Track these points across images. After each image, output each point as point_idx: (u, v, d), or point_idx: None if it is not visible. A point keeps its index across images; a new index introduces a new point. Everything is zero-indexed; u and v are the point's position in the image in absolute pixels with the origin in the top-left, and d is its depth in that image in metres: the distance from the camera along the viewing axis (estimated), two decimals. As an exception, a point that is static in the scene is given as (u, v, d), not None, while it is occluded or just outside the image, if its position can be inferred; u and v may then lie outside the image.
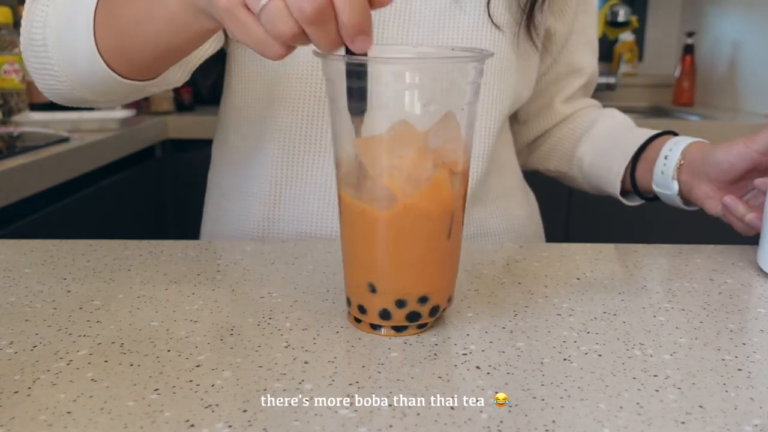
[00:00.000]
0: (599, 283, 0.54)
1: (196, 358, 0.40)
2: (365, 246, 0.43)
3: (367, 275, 0.43)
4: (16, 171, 0.98)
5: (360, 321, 0.44)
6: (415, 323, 0.44)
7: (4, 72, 1.42)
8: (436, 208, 0.42)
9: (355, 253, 0.44)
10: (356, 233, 0.43)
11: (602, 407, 0.35)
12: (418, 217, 0.41)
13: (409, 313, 0.43)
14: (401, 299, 0.43)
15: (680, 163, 0.68)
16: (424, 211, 0.41)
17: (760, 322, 0.47)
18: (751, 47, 2.01)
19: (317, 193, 0.70)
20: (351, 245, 0.44)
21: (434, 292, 0.44)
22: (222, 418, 0.34)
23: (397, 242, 0.42)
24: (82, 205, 1.23)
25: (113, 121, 1.42)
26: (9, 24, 1.44)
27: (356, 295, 0.44)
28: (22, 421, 0.34)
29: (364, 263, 0.43)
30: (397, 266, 0.43)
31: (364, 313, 0.44)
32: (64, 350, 0.41)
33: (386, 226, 0.41)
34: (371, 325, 0.44)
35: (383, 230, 0.42)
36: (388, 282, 0.43)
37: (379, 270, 0.43)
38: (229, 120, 0.75)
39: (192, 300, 0.49)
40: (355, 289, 0.44)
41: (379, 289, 0.43)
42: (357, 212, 0.42)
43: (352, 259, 0.44)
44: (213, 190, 0.80)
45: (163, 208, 1.67)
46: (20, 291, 0.51)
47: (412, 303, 0.43)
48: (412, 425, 0.34)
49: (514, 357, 0.41)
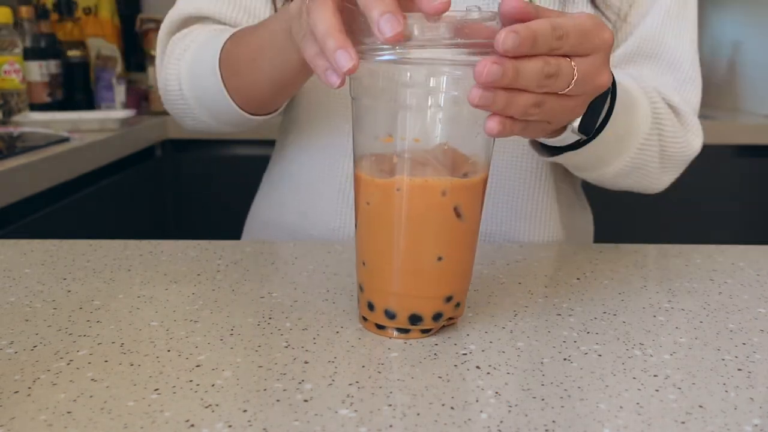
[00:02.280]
0: (599, 283, 0.54)
1: (196, 358, 0.40)
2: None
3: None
4: (16, 171, 0.98)
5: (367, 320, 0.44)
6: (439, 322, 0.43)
7: (4, 72, 1.42)
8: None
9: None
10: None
11: (602, 407, 0.35)
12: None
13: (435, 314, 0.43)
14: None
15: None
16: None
17: (760, 322, 0.47)
18: (751, 47, 2.01)
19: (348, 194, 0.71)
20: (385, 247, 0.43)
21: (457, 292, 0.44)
22: (222, 418, 0.34)
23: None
24: (82, 205, 1.23)
25: (113, 121, 1.42)
26: (9, 24, 1.43)
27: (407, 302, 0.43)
28: (22, 420, 0.34)
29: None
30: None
31: (393, 319, 0.43)
32: (64, 350, 0.41)
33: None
34: (377, 325, 0.44)
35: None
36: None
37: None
38: (291, 107, 0.77)
39: (192, 300, 0.49)
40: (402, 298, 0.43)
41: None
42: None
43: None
44: (266, 176, 0.82)
45: (163, 208, 1.67)
46: (20, 291, 0.51)
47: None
48: (412, 425, 0.34)
49: (514, 357, 0.41)
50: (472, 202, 0.43)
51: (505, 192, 0.70)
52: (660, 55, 0.68)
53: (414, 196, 0.41)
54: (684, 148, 0.66)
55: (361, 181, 0.43)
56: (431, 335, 0.44)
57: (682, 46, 0.68)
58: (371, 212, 0.43)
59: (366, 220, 0.43)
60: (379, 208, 0.42)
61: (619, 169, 0.63)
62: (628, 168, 0.63)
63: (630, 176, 0.65)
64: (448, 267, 0.43)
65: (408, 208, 0.41)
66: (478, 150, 0.42)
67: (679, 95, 0.68)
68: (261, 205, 0.79)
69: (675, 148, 0.65)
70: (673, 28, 0.68)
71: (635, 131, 0.61)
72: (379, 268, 0.43)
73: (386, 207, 0.42)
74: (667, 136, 0.64)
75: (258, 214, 0.80)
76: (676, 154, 0.66)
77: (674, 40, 0.68)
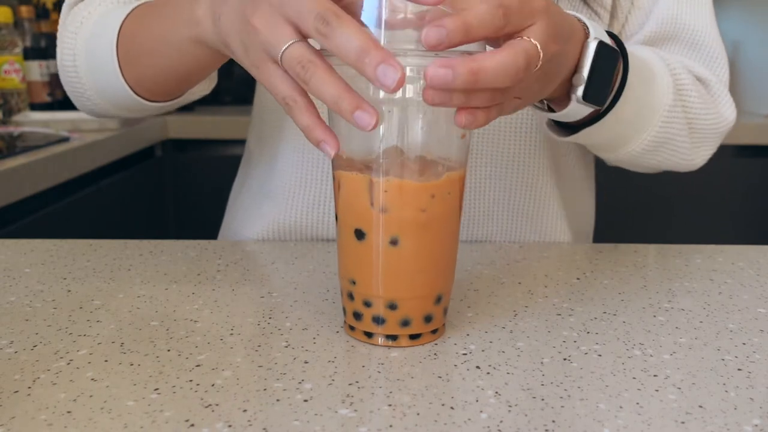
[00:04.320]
0: (599, 283, 0.54)
1: (196, 358, 0.40)
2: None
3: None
4: (16, 171, 0.98)
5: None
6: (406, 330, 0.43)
7: (4, 72, 1.42)
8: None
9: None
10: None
11: (602, 407, 0.35)
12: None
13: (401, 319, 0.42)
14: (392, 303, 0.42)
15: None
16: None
17: (760, 322, 0.47)
18: (751, 47, 2.01)
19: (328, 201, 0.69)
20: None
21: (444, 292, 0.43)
22: (222, 418, 0.34)
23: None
24: (82, 205, 1.23)
25: (113, 121, 1.42)
26: (9, 24, 1.44)
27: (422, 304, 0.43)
28: (22, 420, 0.34)
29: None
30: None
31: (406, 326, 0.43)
32: (64, 350, 0.41)
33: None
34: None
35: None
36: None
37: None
38: (254, 118, 0.75)
39: (192, 300, 0.49)
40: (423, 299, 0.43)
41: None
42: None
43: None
44: (236, 185, 0.80)
45: (163, 208, 1.67)
46: (20, 291, 0.51)
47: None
48: (412, 425, 0.34)
49: (514, 357, 0.41)
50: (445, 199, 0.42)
51: (505, 191, 0.69)
52: (680, 36, 0.66)
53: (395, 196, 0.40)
54: (716, 120, 0.63)
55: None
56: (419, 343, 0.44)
57: (702, 24, 0.66)
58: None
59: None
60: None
61: (644, 146, 0.60)
62: (654, 144, 0.60)
63: (658, 153, 0.62)
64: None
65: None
66: (453, 149, 0.41)
67: (709, 70, 0.66)
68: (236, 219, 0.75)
69: (705, 121, 0.62)
70: (690, 7, 0.66)
71: (656, 104, 0.58)
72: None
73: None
74: (694, 109, 0.61)
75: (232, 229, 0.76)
76: (707, 127, 0.63)
77: (692, 19, 0.66)
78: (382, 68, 0.35)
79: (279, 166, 0.70)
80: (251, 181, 0.75)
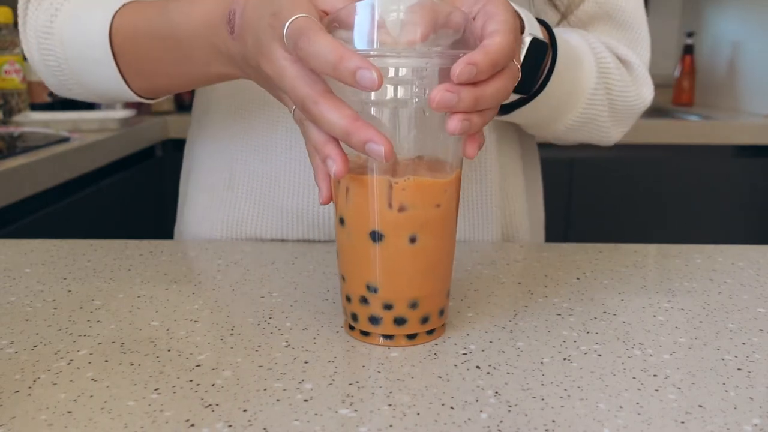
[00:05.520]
0: (599, 283, 0.54)
1: (196, 358, 0.40)
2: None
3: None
4: (16, 171, 0.99)
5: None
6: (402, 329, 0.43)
7: (5, 72, 1.42)
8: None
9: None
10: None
11: (602, 407, 0.35)
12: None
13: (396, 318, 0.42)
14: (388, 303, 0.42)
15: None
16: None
17: (760, 322, 0.47)
18: (751, 47, 2.01)
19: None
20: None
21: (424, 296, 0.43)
22: (222, 418, 0.34)
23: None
24: (82, 205, 1.23)
25: (113, 121, 1.42)
26: (9, 24, 1.44)
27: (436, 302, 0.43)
28: (22, 420, 0.34)
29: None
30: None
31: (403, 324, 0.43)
32: (64, 350, 0.41)
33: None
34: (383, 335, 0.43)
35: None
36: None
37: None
38: (194, 112, 0.74)
39: (192, 300, 0.49)
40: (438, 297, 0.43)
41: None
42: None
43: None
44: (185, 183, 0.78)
45: (164, 208, 1.67)
46: (20, 291, 0.51)
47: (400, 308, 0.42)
48: (412, 425, 0.34)
49: (514, 357, 0.41)
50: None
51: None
52: (612, 16, 0.70)
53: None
54: (634, 101, 0.68)
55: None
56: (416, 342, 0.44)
57: (633, 6, 0.70)
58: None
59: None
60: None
61: (569, 125, 0.65)
62: (579, 123, 0.65)
63: (581, 130, 0.67)
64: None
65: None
66: (449, 150, 0.42)
67: (633, 52, 0.69)
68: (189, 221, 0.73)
69: (624, 102, 0.67)
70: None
71: (582, 86, 0.63)
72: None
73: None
74: (615, 90, 0.66)
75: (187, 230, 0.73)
76: (626, 108, 0.68)
77: (624, 1, 0.70)
78: (360, 73, 0.36)
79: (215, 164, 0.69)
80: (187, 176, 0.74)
